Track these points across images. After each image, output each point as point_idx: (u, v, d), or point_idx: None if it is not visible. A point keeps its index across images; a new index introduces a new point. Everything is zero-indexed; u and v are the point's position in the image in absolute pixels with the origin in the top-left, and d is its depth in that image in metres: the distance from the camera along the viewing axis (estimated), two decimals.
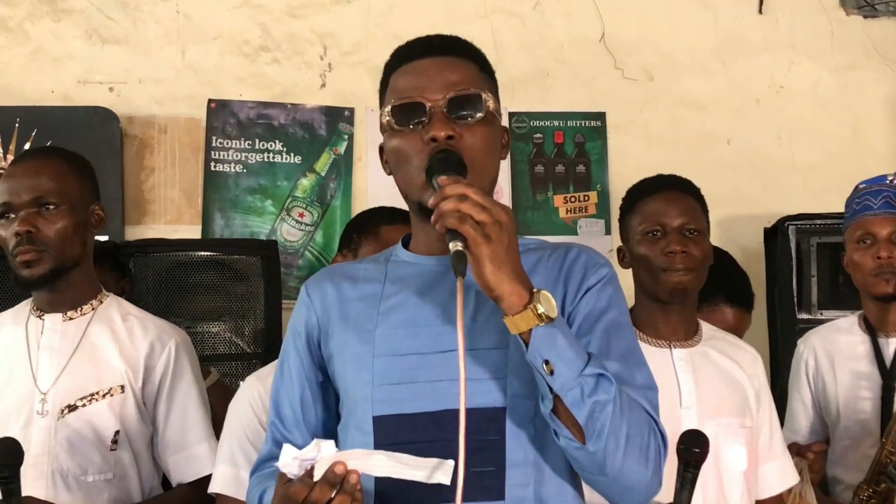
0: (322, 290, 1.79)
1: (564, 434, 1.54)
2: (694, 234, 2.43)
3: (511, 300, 1.52)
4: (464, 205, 1.50)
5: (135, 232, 4.30)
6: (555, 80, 4.63)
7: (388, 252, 1.84)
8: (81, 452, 2.43)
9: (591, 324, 1.67)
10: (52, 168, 2.49)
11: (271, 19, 4.53)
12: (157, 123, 4.43)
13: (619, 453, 1.54)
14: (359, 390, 1.69)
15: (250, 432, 2.37)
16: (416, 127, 1.67)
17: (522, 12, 4.65)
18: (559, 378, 1.51)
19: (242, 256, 3.80)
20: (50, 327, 2.51)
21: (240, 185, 4.43)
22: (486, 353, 1.63)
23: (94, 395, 2.46)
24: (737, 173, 4.60)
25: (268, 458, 1.80)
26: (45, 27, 4.43)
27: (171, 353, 2.55)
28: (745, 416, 2.42)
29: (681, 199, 2.46)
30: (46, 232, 2.44)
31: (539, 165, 4.57)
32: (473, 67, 1.74)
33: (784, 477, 2.50)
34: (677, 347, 2.45)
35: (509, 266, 1.51)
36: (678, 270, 2.40)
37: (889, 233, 2.85)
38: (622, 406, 1.54)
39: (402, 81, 1.73)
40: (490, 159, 1.71)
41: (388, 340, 1.68)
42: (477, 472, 1.58)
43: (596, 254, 1.76)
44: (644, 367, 1.68)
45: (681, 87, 4.70)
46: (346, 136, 4.50)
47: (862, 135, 4.76)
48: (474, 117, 1.68)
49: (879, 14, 4.83)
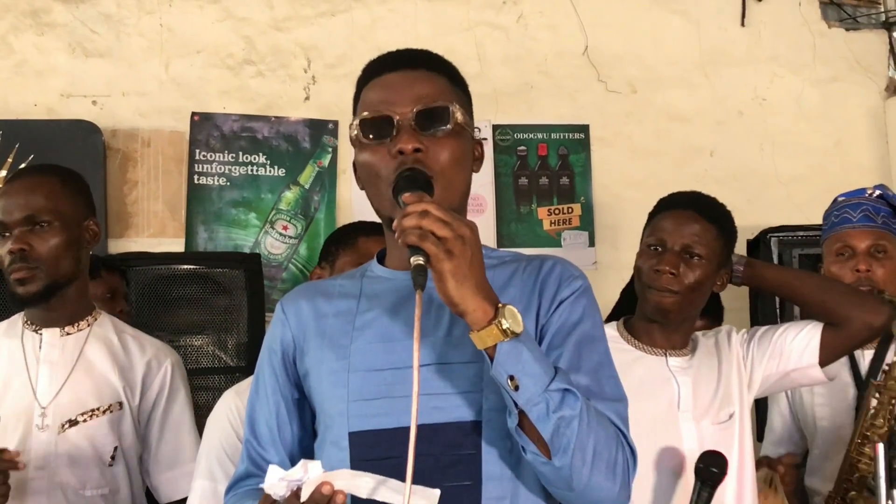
0: (297, 306, 1.78)
1: (531, 449, 1.54)
2: (694, 258, 2.42)
3: (476, 315, 1.51)
4: (425, 221, 1.49)
5: (118, 245, 4.29)
6: (538, 93, 4.64)
7: (364, 268, 1.84)
8: (81, 467, 2.45)
9: (563, 337, 1.66)
10: (45, 186, 2.52)
11: (255, 32, 4.54)
12: (141, 137, 4.42)
13: (585, 468, 1.53)
14: (334, 406, 1.68)
15: (228, 447, 2.37)
16: (385, 141, 1.67)
17: (506, 25, 4.67)
18: (524, 393, 1.51)
19: (226, 270, 3.79)
20: (48, 342, 2.53)
21: (223, 198, 4.43)
22: (461, 367, 1.63)
23: (94, 412, 2.49)
24: (720, 185, 4.59)
25: (244, 477, 1.79)
26: (29, 40, 4.42)
27: (167, 373, 2.60)
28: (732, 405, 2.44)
29: (692, 221, 2.45)
30: (39, 249, 2.46)
31: (523, 178, 4.58)
32: (443, 80, 1.73)
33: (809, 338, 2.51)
34: (673, 356, 2.47)
35: (472, 281, 1.51)
36: (662, 290, 2.40)
37: (867, 246, 2.85)
38: (589, 421, 1.54)
39: (371, 95, 1.73)
40: (459, 172, 1.70)
41: (364, 356, 1.68)
42: (454, 487, 1.58)
43: (571, 266, 1.75)
44: (614, 380, 1.68)
45: (664, 99, 4.72)
46: (330, 149, 4.50)
47: (844, 147, 4.79)
48: (442, 130, 1.67)
49: (861, 27, 4.86)
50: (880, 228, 2.86)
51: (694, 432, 2.40)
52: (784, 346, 2.49)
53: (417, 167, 1.64)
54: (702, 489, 2.16)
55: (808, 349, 2.48)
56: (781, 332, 2.51)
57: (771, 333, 2.52)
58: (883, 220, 2.86)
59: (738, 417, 2.44)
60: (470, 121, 1.75)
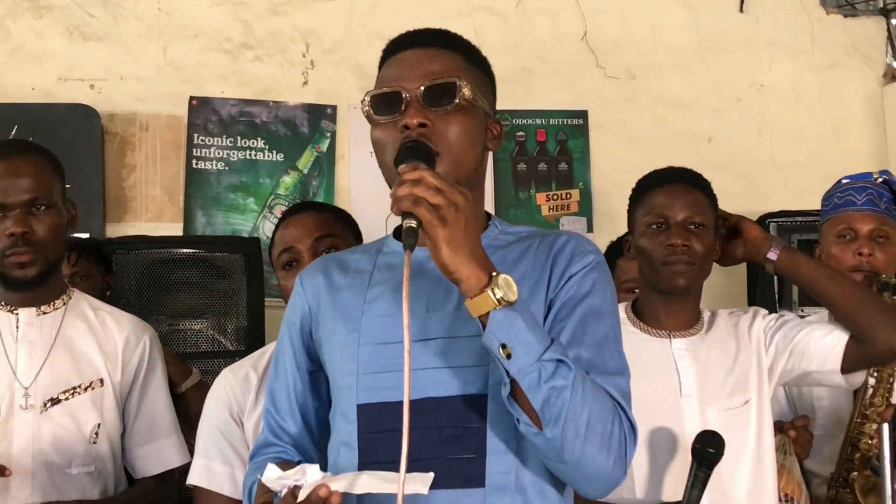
0: (314, 279, 1.81)
1: (523, 420, 1.54)
2: (698, 227, 2.43)
3: (469, 283, 1.52)
4: (417, 188, 1.51)
5: (116, 229, 4.28)
6: (537, 79, 4.64)
7: (381, 242, 1.86)
8: (66, 445, 2.44)
9: (569, 309, 1.67)
10: (39, 167, 2.49)
11: (253, 16, 4.53)
12: (139, 121, 4.42)
13: (578, 441, 1.53)
14: (344, 379, 1.70)
15: (221, 424, 2.37)
16: (395, 116, 1.68)
17: (505, 11, 4.67)
18: (516, 362, 1.52)
19: (225, 254, 3.80)
20: (26, 321, 2.51)
21: (222, 183, 4.42)
22: (468, 340, 1.63)
23: (76, 389, 2.48)
24: (718, 172, 4.56)
25: (264, 445, 1.84)
26: (26, 24, 4.41)
27: (145, 347, 2.59)
28: (747, 391, 2.42)
29: (687, 192, 2.46)
30: (40, 232, 2.44)
31: (521, 163, 4.59)
32: (458, 59, 1.74)
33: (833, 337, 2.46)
34: (677, 337, 2.47)
35: (466, 248, 1.51)
36: (678, 264, 2.41)
37: (870, 230, 2.85)
38: (584, 393, 1.54)
39: (385, 72, 1.76)
40: (467, 147, 1.70)
41: (373, 329, 1.69)
42: (458, 459, 1.59)
43: (585, 241, 1.76)
44: (618, 354, 1.68)
45: (662, 85, 4.72)
46: (328, 134, 4.50)
47: (842, 133, 4.80)
48: (449, 106, 1.68)
49: (859, 13, 4.87)
50: (883, 213, 2.85)
51: (697, 417, 2.38)
52: (809, 345, 2.45)
53: (421, 140, 1.65)
54: (698, 469, 2.13)
55: (832, 354, 2.44)
56: (808, 332, 2.46)
57: (798, 329, 2.48)
58: (886, 206, 2.86)
59: (756, 404, 2.42)
60: (483, 98, 1.75)
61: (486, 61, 1.82)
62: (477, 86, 1.73)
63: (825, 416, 2.89)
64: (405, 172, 1.55)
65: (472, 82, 1.72)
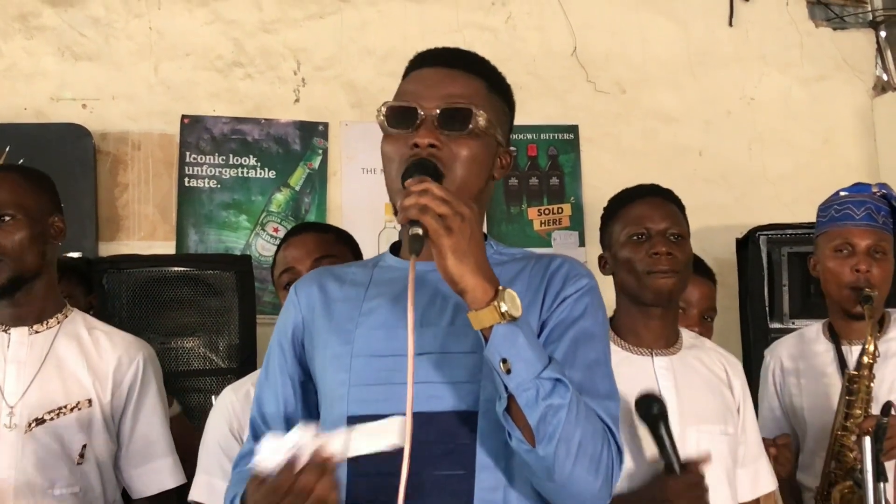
0: (309, 290, 1.82)
1: (516, 435, 1.55)
2: (677, 238, 2.46)
3: (475, 294, 1.53)
4: (424, 198, 1.53)
5: (109, 248, 4.28)
6: (527, 94, 4.64)
7: (378, 258, 1.87)
8: (49, 466, 2.43)
9: (560, 332, 1.68)
10: (7, 182, 2.52)
11: (244, 34, 4.54)
12: (131, 139, 4.43)
13: (568, 460, 1.54)
14: (335, 390, 1.71)
15: (222, 440, 2.41)
16: (407, 131, 1.70)
17: (495, 26, 4.68)
18: (515, 378, 1.52)
19: (217, 272, 3.78)
20: (16, 340, 2.51)
21: (214, 201, 4.43)
22: (460, 356, 1.64)
23: (62, 409, 2.47)
24: (709, 185, 4.64)
25: (248, 454, 1.81)
26: (18, 44, 4.42)
27: (139, 367, 2.58)
28: (728, 424, 2.44)
29: (663, 205, 2.50)
30: (3, 242, 2.46)
31: (513, 178, 4.59)
32: (479, 84, 1.75)
33: (758, 482, 2.51)
34: (658, 355, 2.46)
35: (472, 259, 1.53)
36: (663, 272, 2.42)
37: (868, 245, 2.82)
38: (577, 413, 1.54)
39: (405, 86, 1.77)
40: (473, 173, 1.71)
41: (367, 341, 1.70)
42: (447, 476, 1.60)
43: (579, 265, 1.77)
44: (609, 378, 1.69)
45: (653, 99, 4.74)
46: (320, 151, 4.51)
47: (832, 145, 4.81)
48: (462, 131, 1.69)
49: (848, 26, 4.89)
50: (881, 228, 2.83)
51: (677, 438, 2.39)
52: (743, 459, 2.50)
53: (430, 159, 1.67)
54: (655, 431, 2.21)
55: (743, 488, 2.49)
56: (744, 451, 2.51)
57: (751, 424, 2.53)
58: (883, 220, 2.83)
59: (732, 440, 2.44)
60: (497, 127, 1.75)
61: (508, 90, 1.84)
62: (494, 114, 1.74)
63: (816, 430, 2.89)
64: (411, 185, 1.57)
65: (489, 111, 1.73)
